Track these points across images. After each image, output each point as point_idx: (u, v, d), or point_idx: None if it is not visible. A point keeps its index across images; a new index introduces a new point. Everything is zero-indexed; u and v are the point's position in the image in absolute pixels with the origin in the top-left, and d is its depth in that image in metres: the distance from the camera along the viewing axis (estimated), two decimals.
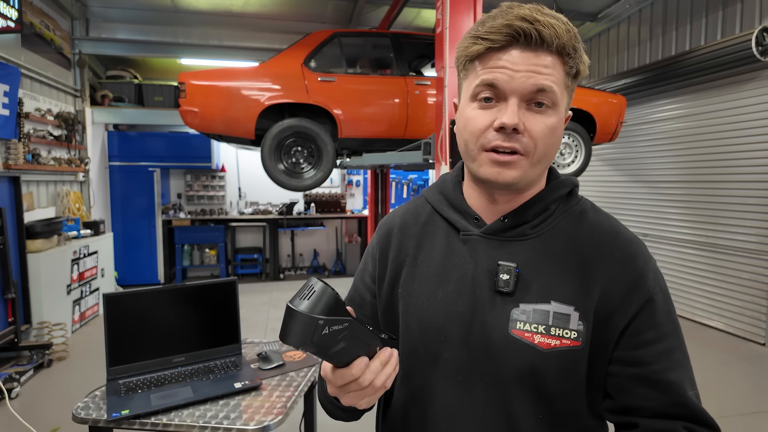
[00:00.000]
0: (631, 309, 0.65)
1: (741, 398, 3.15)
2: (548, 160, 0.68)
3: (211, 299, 1.77)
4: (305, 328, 0.53)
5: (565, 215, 0.72)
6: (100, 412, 1.40)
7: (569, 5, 5.83)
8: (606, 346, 0.66)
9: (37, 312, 3.93)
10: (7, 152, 4.03)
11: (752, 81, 4.19)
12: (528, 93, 0.63)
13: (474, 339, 0.68)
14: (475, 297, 0.69)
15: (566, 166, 4.26)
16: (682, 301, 5.05)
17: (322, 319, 0.54)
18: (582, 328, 0.65)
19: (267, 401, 1.48)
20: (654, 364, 0.65)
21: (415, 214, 0.81)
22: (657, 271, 0.69)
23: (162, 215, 6.54)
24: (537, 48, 0.63)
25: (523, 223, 0.71)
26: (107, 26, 5.88)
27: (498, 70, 0.63)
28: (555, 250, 0.69)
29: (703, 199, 4.74)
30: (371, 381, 0.59)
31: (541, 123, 0.64)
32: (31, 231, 3.98)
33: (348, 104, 3.96)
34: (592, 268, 0.67)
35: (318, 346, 0.55)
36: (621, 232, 0.71)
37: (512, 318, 0.67)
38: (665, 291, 0.69)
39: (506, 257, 0.69)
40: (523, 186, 0.69)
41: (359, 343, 0.59)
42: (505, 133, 0.63)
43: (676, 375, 0.65)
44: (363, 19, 5.78)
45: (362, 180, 7.90)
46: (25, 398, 3.12)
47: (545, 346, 0.65)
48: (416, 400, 0.74)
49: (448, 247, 0.74)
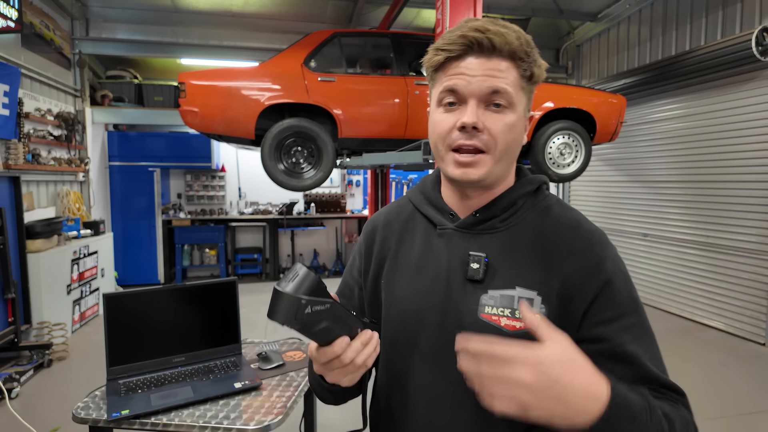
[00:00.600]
0: (591, 292, 0.70)
1: (741, 398, 3.15)
2: (511, 156, 0.75)
3: (211, 299, 1.77)
4: (290, 307, 0.59)
5: (532, 210, 0.78)
6: (100, 412, 1.40)
7: (569, 5, 5.84)
8: (568, 327, 0.68)
9: (37, 312, 3.93)
10: (7, 152, 4.03)
11: (752, 81, 4.19)
12: (485, 95, 0.70)
13: (448, 324, 0.74)
14: (449, 285, 0.76)
15: (566, 166, 4.25)
16: (682, 301, 5.05)
17: (304, 299, 0.59)
18: (544, 311, 0.71)
19: (267, 401, 1.48)
20: (614, 339, 0.69)
21: (398, 212, 0.89)
22: (616, 257, 0.74)
23: (162, 215, 6.54)
24: (490, 54, 0.70)
25: (493, 217, 0.77)
26: (107, 26, 5.88)
27: (457, 77, 0.71)
28: (522, 241, 0.75)
29: (703, 199, 4.74)
30: (352, 359, 0.66)
31: (500, 121, 0.71)
32: (31, 231, 3.98)
33: (348, 104, 3.96)
34: (554, 257, 0.73)
35: (301, 323, 0.60)
36: (582, 225, 0.76)
37: (481, 303, 0.73)
38: (625, 274, 0.74)
39: (477, 248, 0.76)
40: (491, 182, 0.76)
41: (341, 323, 0.65)
42: (466, 131, 0.70)
43: (635, 348, 0.68)
44: (363, 19, 5.78)
45: (362, 180, 7.90)
46: (25, 398, 3.12)
47: (511, 328, 0.71)
48: (398, 382, 0.80)
49: (426, 241, 0.81)
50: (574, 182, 6.76)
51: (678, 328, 4.67)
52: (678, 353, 3.97)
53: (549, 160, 4.19)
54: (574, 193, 6.97)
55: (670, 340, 4.31)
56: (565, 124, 4.15)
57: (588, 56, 6.62)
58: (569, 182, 6.83)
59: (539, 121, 4.13)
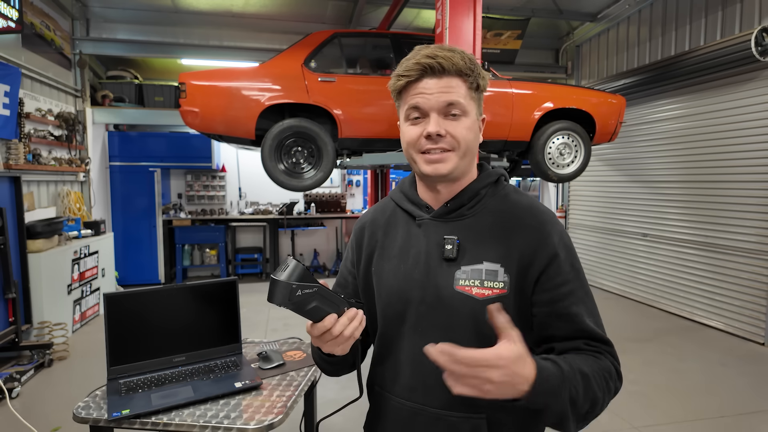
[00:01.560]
0: (542, 262, 0.86)
1: (740, 398, 3.15)
2: (472, 152, 0.91)
3: (211, 299, 1.77)
4: (284, 291, 0.74)
5: (493, 197, 0.93)
6: (101, 411, 1.41)
7: (569, 5, 5.84)
8: (525, 291, 0.87)
9: (38, 312, 3.94)
10: (7, 152, 4.04)
11: (752, 81, 4.20)
12: (442, 107, 0.86)
13: (429, 298, 0.89)
14: (428, 266, 0.90)
15: (566, 166, 4.26)
16: (681, 300, 5.06)
17: (295, 284, 0.74)
18: (507, 279, 0.86)
19: (267, 401, 1.49)
20: (560, 301, 0.85)
21: (383, 210, 1.05)
22: (563, 232, 0.90)
23: (162, 215, 6.54)
24: (441, 74, 0.86)
25: (461, 206, 0.92)
26: (108, 26, 5.89)
27: (418, 96, 0.87)
28: (486, 224, 0.91)
29: (703, 199, 4.75)
30: (340, 332, 0.81)
31: (458, 126, 0.87)
32: (32, 231, 3.98)
33: (348, 104, 3.96)
34: (512, 234, 0.88)
35: (294, 304, 0.75)
36: (535, 206, 0.92)
37: (456, 278, 0.88)
38: (569, 247, 0.89)
39: (449, 233, 0.91)
40: (457, 175, 0.91)
41: (329, 303, 0.80)
42: (432, 139, 0.86)
43: (577, 309, 0.85)
44: (363, 19, 5.78)
45: (362, 180, 7.90)
46: (26, 398, 3.12)
47: (481, 295, 0.86)
48: (389, 351, 0.95)
49: (407, 231, 0.96)
50: (574, 182, 6.76)
51: (678, 328, 4.67)
52: (678, 353, 3.98)
53: (548, 160, 4.19)
54: (573, 193, 6.97)
55: (670, 340, 4.31)
56: (565, 125, 4.15)
57: (587, 56, 6.62)
58: (569, 182, 6.83)
59: (539, 121, 4.13)
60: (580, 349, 0.84)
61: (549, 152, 4.17)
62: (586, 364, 0.79)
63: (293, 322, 4.80)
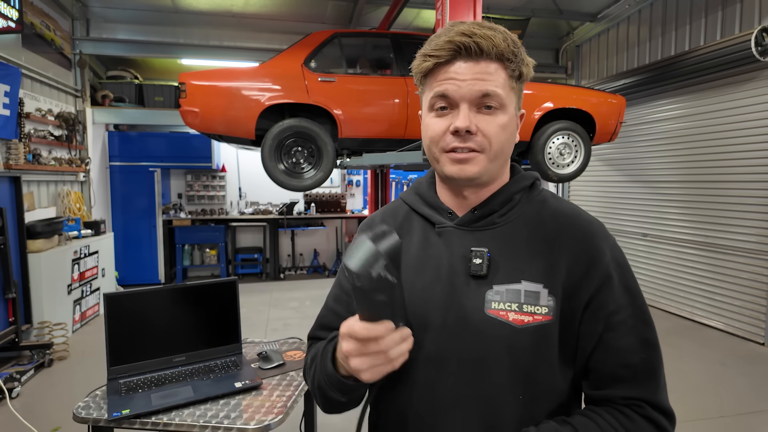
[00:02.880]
0: (593, 284, 0.71)
1: (740, 398, 3.15)
2: (505, 155, 0.75)
3: (211, 299, 1.78)
4: (369, 259, 0.59)
5: (529, 203, 0.78)
6: (101, 411, 1.41)
7: (569, 5, 5.84)
8: (573, 317, 0.71)
9: (38, 312, 3.94)
10: (7, 152, 4.04)
11: (752, 81, 4.20)
12: (475, 98, 0.70)
13: (452, 322, 0.73)
14: (451, 283, 0.74)
15: (566, 166, 4.26)
16: (682, 301, 5.05)
17: (384, 260, 0.59)
18: (552, 303, 0.70)
19: (267, 401, 1.49)
20: (610, 332, 0.70)
21: (393, 214, 0.88)
22: (614, 247, 0.75)
23: (162, 215, 6.54)
24: (478, 58, 0.70)
25: (492, 213, 0.77)
26: (108, 26, 5.89)
27: (447, 82, 0.71)
28: (522, 234, 0.75)
29: (703, 199, 4.75)
30: (389, 348, 0.64)
31: (492, 123, 0.71)
32: (32, 231, 3.98)
33: (348, 104, 3.96)
34: (556, 248, 0.73)
35: (370, 281, 0.59)
36: (581, 215, 0.78)
37: (487, 299, 0.72)
38: (623, 265, 0.74)
39: (478, 244, 0.75)
40: (486, 180, 0.76)
41: (394, 307, 0.64)
42: (460, 135, 0.71)
43: (627, 341, 0.70)
44: (363, 19, 5.78)
45: (362, 180, 7.90)
46: (26, 398, 3.12)
47: (519, 322, 0.70)
48: (402, 384, 0.77)
49: (424, 240, 0.80)
50: (574, 182, 6.76)
51: (678, 328, 4.67)
52: (678, 353, 3.98)
53: (548, 160, 4.19)
54: (574, 193, 6.97)
55: (670, 339, 4.31)
56: (565, 125, 4.15)
57: (587, 56, 6.62)
58: (569, 182, 6.83)
59: (539, 121, 4.13)
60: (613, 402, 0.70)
61: (549, 152, 4.17)
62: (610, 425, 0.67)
63: (293, 323, 4.80)
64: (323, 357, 0.78)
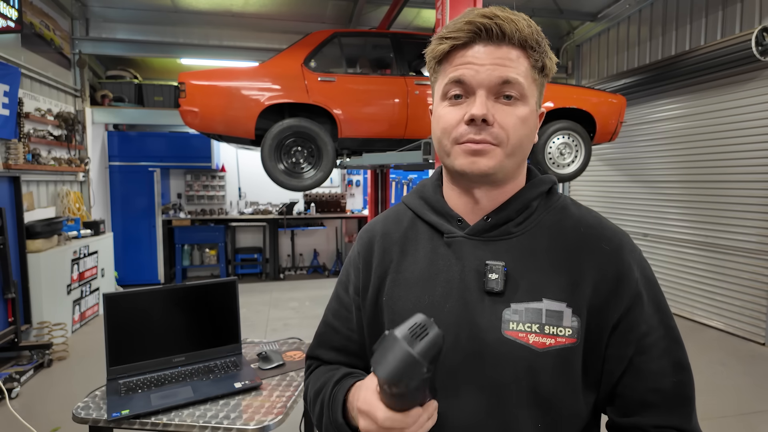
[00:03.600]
0: (622, 303, 0.65)
1: (741, 398, 3.15)
2: (523, 151, 0.68)
3: (211, 299, 1.77)
4: (408, 370, 0.48)
5: (548, 211, 0.71)
6: (101, 411, 1.41)
7: (569, 5, 5.83)
8: (600, 340, 0.65)
9: (37, 312, 3.93)
10: (7, 152, 4.03)
11: (752, 81, 4.19)
12: (495, 85, 0.64)
13: (465, 343, 0.66)
14: (463, 300, 0.67)
15: (566, 165, 4.25)
16: (682, 301, 5.05)
17: (426, 368, 0.49)
18: (576, 324, 0.64)
19: (267, 401, 1.48)
20: (641, 355, 0.65)
21: (396, 220, 0.79)
22: (642, 261, 0.69)
23: (162, 215, 6.54)
24: (499, 42, 0.64)
25: (507, 221, 0.69)
26: (107, 26, 5.88)
27: (464, 66, 0.64)
28: (541, 246, 0.68)
29: (703, 199, 4.74)
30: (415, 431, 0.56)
31: (512, 114, 0.64)
32: (31, 231, 3.98)
33: (348, 104, 3.96)
34: (580, 262, 0.66)
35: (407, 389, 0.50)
36: (605, 225, 0.71)
37: (504, 319, 0.65)
38: (651, 281, 0.69)
39: (493, 257, 0.67)
40: (501, 178, 0.68)
41: (426, 391, 0.55)
42: (475, 125, 0.64)
43: (659, 364, 0.65)
44: (363, 19, 5.78)
45: (362, 180, 7.90)
46: (26, 398, 3.12)
47: (540, 345, 0.64)
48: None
49: (432, 251, 0.72)
50: (574, 182, 6.76)
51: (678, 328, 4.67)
52: None
53: (549, 160, 4.19)
54: (574, 193, 6.97)
55: None
56: (565, 124, 4.15)
57: (588, 56, 6.62)
58: (569, 182, 6.83)
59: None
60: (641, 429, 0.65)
61: (549, 152, 4.17)
62: None
63: (293, 323, 4.80)
64: (332, 406, 0.71)
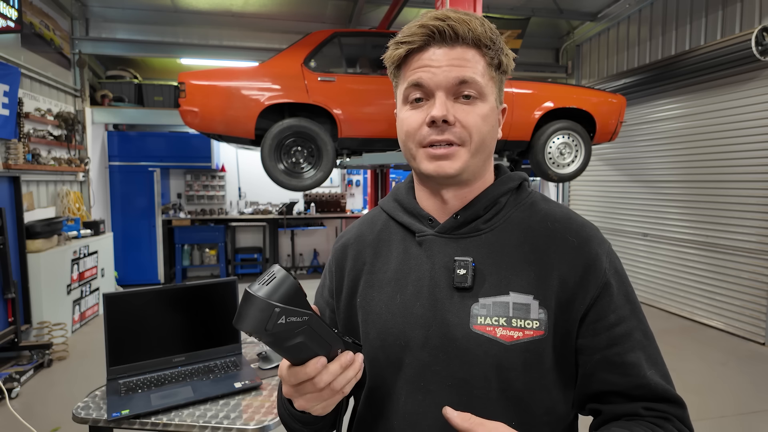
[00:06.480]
0: (589, 293, 0.65)
1: (740, 398, 3.15)
2: (487, 149, 0.69)
3: (211, 299, 1.77)
4: (261, 315, 0.51)
5: (516, 207, 0.72)
6: (101, 411, 1.41)
7: (569, 5, 5.84)
8: (569, 332, 0.65)
9: (37, 312, 3.93)
10: (7, 152, 4.03)
11: (752, 81, 4.19)
12: (452, 86, 0.65)
13: (435, 340, 0.67)
14: (433, 297, 0.68)
15: (566, 165, 4.26)
16: (682, 300, 5.05)
17: (279, 307, 0.51)
18: (543, 316, 0.64)
19: (267, 401, 1.48)
20: (613, 346, 0.65)
21: (371, 223, 0.81)
22: (612, 253, 0.70)
23: (162, 215, 6.54)
24: (453, 43, 0.65)
25: (476, 218, 0.71)
26: (107, 26, 5.88)
27: (421, 69, 0.66)
28: (509, 241, 0.69)
29: (703, 199, 4.74)
30: (328, 383, 0.58)
31: (472, 113, 0.66)
32: (31, 231, 3.98)
33: (348, 104, 3.96)
34: (547, 255, 0.67)
35: (272, 335, 0.52)
36: (573, 219, 0.71)
37: (472, 313, 0.66)
38: (621, 273, 0.69)
39: (462, 253, 0.69)
40: (467, 177, 0.69)
41: (319, 341, 0.56)
42: (437, 126, 0.65)
43: (635, 356, 0.65)
44: (363, 18, 5.78)
45: (362, 180, 7.90)
46: (25, 398, 3.12)
47: (508, 339, 0.64)
48: (379, 411, 0.72)
49: (404, 251, 0.74)
50: (574, 182, 6.76)
51: (678, 328, 4.67)
52: (678, 353, 3.98)
53: (549, 160, 4.19)
54: (574, 193, 6.97)
55: (670, 339, 4.31)
56: (565, 124, 4.15)
57: (588, 56, 6.62)
58: (569, 182, 6.83)
59: (539, 120, 4.13)
60: (638, 415, 0.64)
61: (549, 152, 4.17)
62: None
63: None
64: (280, 387, 0.72)
